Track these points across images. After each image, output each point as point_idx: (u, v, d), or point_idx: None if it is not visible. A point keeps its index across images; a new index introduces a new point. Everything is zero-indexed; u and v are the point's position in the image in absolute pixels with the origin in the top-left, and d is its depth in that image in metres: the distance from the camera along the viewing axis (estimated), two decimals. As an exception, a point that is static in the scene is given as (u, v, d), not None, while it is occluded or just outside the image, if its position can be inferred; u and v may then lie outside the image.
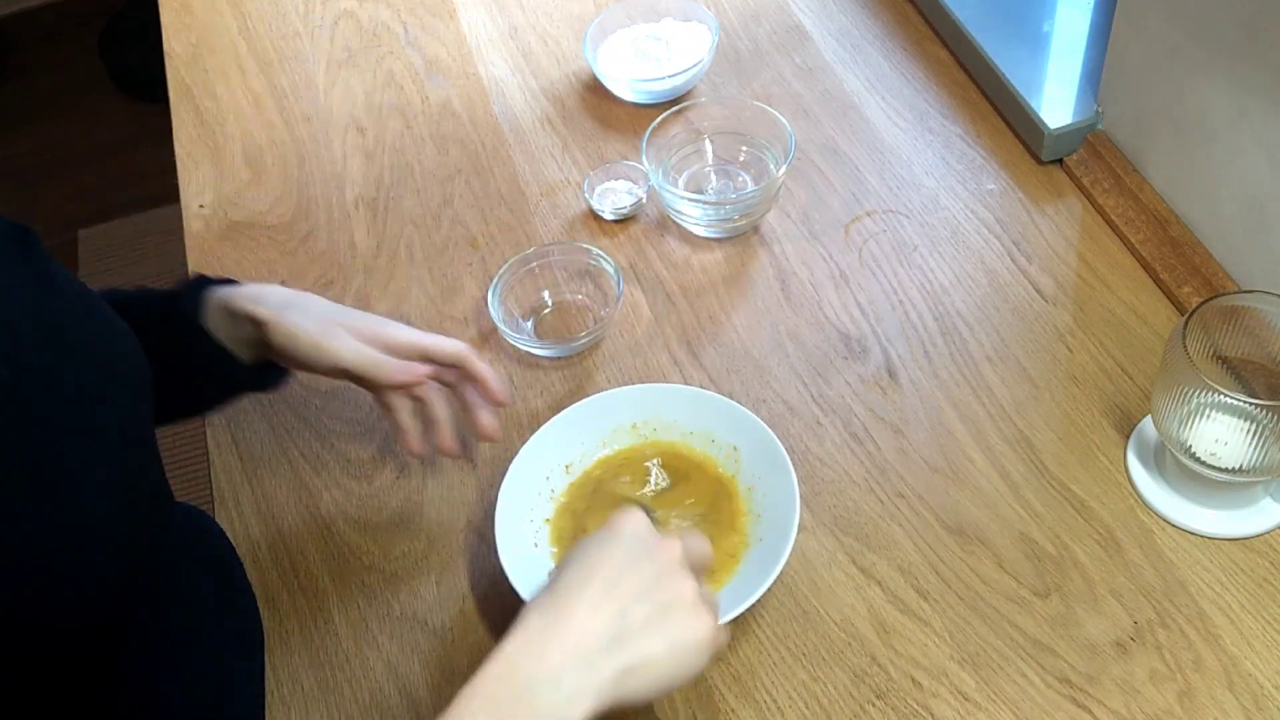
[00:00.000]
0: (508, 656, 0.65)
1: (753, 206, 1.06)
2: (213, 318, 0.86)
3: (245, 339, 0.86)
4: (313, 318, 0.85)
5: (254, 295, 0.86)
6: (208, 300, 0.86)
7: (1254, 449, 0.79)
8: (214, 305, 0.86)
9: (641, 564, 0.68)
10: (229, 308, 0.85)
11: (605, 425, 0.92)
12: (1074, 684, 0.79)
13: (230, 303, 0.85)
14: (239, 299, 0.85)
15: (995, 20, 1.17)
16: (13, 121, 2.78)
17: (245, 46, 1.34)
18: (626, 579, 0.68)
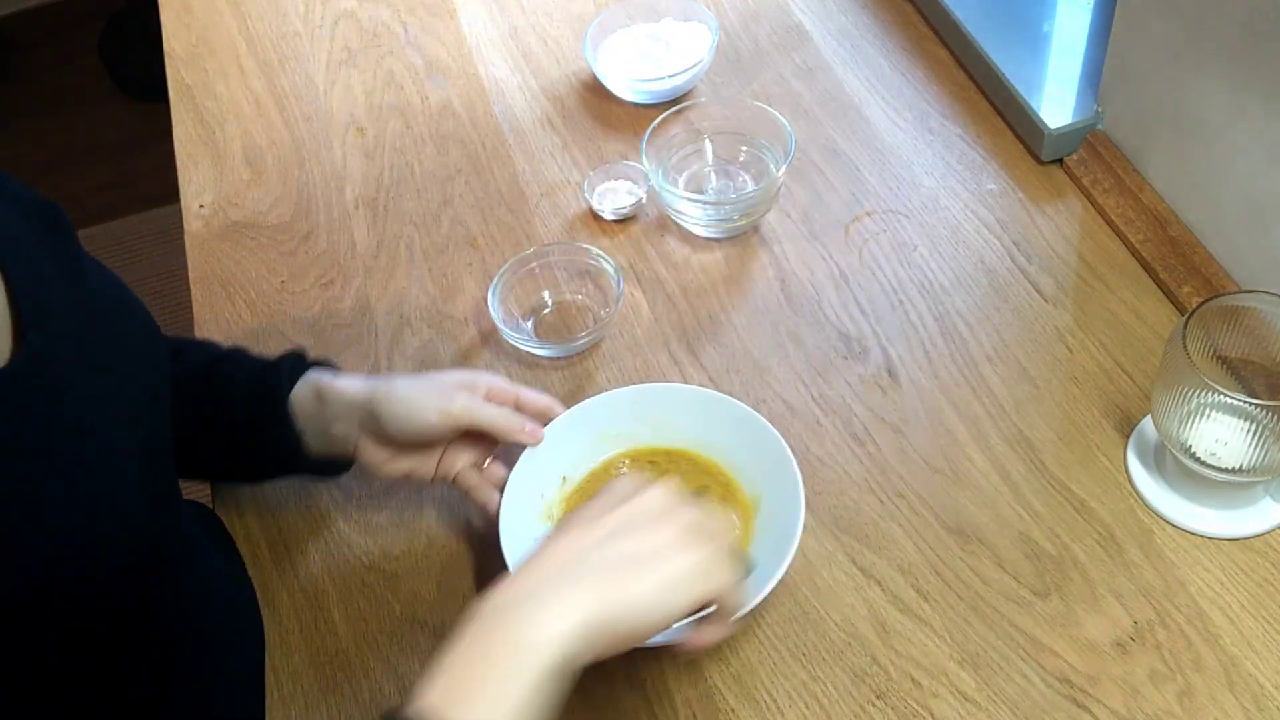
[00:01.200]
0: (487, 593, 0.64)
1: (753, 206, 1.06)
2: (302, 395, 0.86)
3: (324, 425, 0.86)
4: (420, 383, 0.85)
5: (350, 382, 0.86)
6: (303, 379, 0.86)
7: (1254, 449, 0.79)
8: (308, 386, 0.86)
9: (626, 504, 0.68)
10: (323, 391, 0.85)
11: (611, 424, 0.92)
12: (1074, 684, 0.79)
13: (329, 387, 0.85)
14: (340, 382, 0.85)
15: (995, 20, 1.17)
16: (13, 121, 2.78)
17: (245, 46, 1.34)
18: (609, 516, 0.67)
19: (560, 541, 0.66)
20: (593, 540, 0.66)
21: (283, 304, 1.09)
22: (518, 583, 0.64)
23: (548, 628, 0.61)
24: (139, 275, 2.39)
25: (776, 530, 0.84)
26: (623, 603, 0.63)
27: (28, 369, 0.64)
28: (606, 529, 0.66)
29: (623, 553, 0.65)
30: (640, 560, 0.65)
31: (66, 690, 0.73)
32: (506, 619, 0.62)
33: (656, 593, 0.64)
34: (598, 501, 0.69)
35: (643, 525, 0.67)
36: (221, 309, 1.09)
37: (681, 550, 0.66)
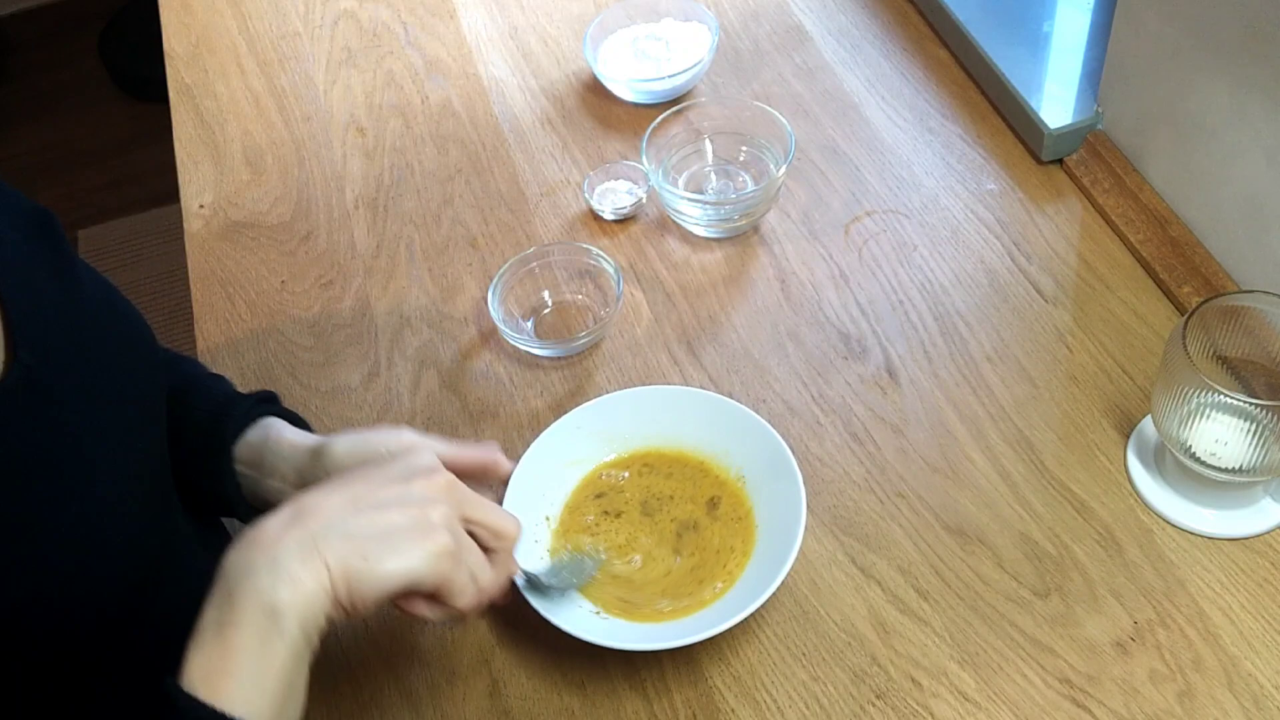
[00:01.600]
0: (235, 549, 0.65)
1: (753, 206, 1.06)
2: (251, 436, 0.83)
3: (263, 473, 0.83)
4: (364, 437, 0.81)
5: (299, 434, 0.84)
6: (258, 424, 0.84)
7: (1254, 449, 0.79)
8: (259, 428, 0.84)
9: (392, 484, 0.69)
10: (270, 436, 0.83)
11: (611, 426, 0.91)
12: (1074, 684, 0.79)
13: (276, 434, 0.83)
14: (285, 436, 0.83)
15: (995, 20, 1.17)
16: (13, 121, 2.78)
17: (245, 46, 1.34)
18: (369, 489, 0.68)
19: (313, 498, 0.67)
20: (341, 502, 0.67)
21: (283, 304, 1.09)
22: (266, 541, 0.65)
23: (289, 592, 0.63)
24: (139, 275, 2.39)
25: (777, 532, 0.84)
26: (357, 585, 0.65)
27: (21, 387, 0.64)
28: (364, 501, 0.67)
29: (369, 530, 0.66)
30: (380, 541, 0.66)
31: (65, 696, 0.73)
32: (256, 584, 0.63)
33: (384, 576, 0.66)
34: (376, 468, 0.70)
35: (400, 508, 0.68)
36: (221, 309, 1.09)
37: (412, 541, 0.67)
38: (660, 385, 0.97)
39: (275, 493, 0.83)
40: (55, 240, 0.73)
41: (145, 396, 0.76)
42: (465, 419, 0.98)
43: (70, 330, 0.69)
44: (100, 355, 0.71)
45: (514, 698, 0.83)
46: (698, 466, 0.90)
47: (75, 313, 0.71)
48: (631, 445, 0.92)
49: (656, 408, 0.92)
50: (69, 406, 0.67)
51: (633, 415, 0.92)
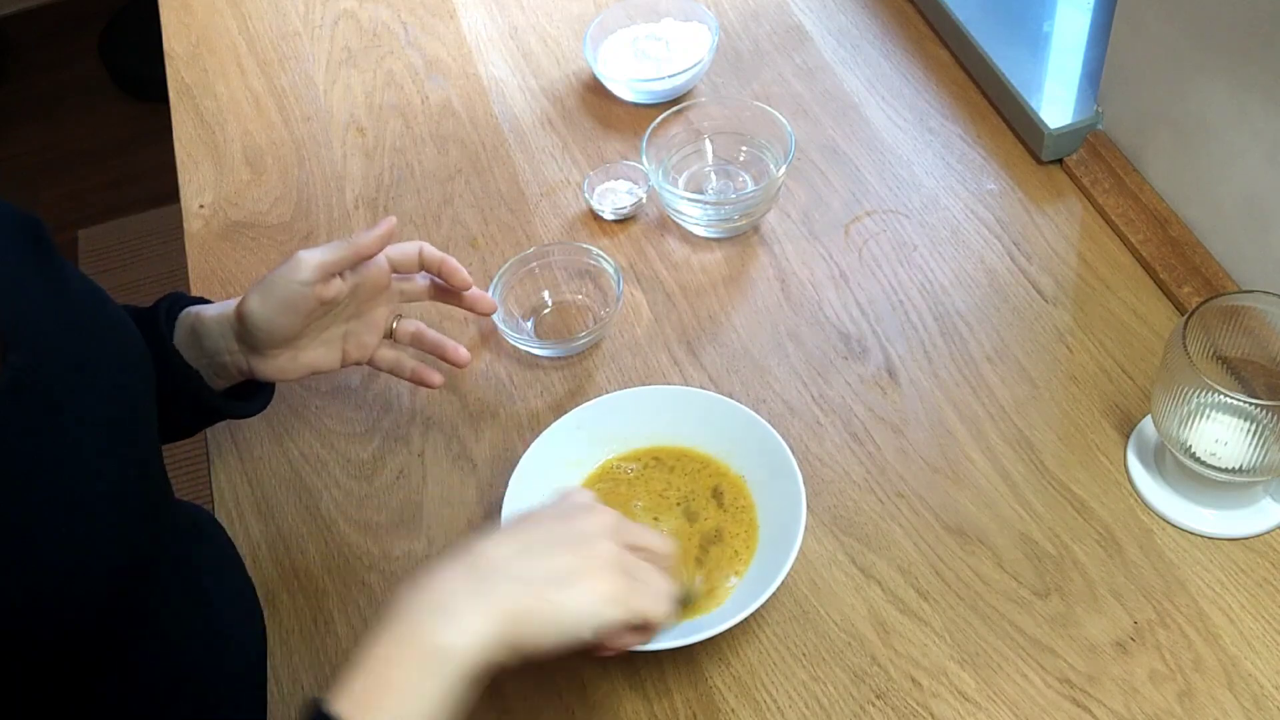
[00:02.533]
0: (405, 590, 0.65)
1: (753, 206, 1.06)
2: (181, 337, 0.86)
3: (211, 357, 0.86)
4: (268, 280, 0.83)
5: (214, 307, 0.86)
6: (178, 320, 0.86)
7: (1254, 449, 0.79)
8: (181, 324, 0.86)
9: (558, 524, 0.69)
10: (194, 326, 0.85)
11: (611, 427, 0.91)
12: (1074, 684, 0.79)
13: (197, 319, 0.85)
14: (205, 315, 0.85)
15: (995, 20, 1.17)
16: (13, 121, 2.78)
17: (245, 46, 1.34)
18: (536, 532, 0.69)
19: (483, 546, 0.67)
20: (513, 550, 0.67)
21: (283, 304, 1.09)
22: (437, 584, 0.65)
23: (461, 636, 0.63)
24: (139, 275, 2.39)
25: (777, 533, 0.84)
26: (530, 627, 0.65)
27: (10, 390, 0.64)
28: (535, 542, 0.68)
29: (542, 572, 0.66)
30: (555, 581, 0.66)
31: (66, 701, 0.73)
32: (423, 623, 0.63)
33: (559, 621, 0.65)
34: (538, 512, 0.71)
35: (570, 548, 0.68)
36: (221, 309, 1.09)
37: (593, 580, 0.67)
38: (660, 385, 0.97)
39: (233, 364, 0.86)
40: (42, 246, 0.73)
41: (135, 394, 0.76)
42: (465, 419, 0.98)
43: (59, 331, 0.69)
44: (89, 355, 0.71)
45: (514, 698, 0.83)
46: (701, 466, 0.90)
47: (64, 314, 0.71)
48: (632, 445, 0.91)
49: (657, 408, 0.92)
50: (59, 407, 0.67)
51: (633, 415, 0.92)
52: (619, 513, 0.72)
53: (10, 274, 0.69)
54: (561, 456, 0.90)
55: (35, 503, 0.64)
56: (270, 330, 0.84)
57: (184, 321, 0.86)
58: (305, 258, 0.82)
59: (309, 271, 0.82)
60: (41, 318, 0.69)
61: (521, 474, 0.88)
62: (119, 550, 0.70)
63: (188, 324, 0.86)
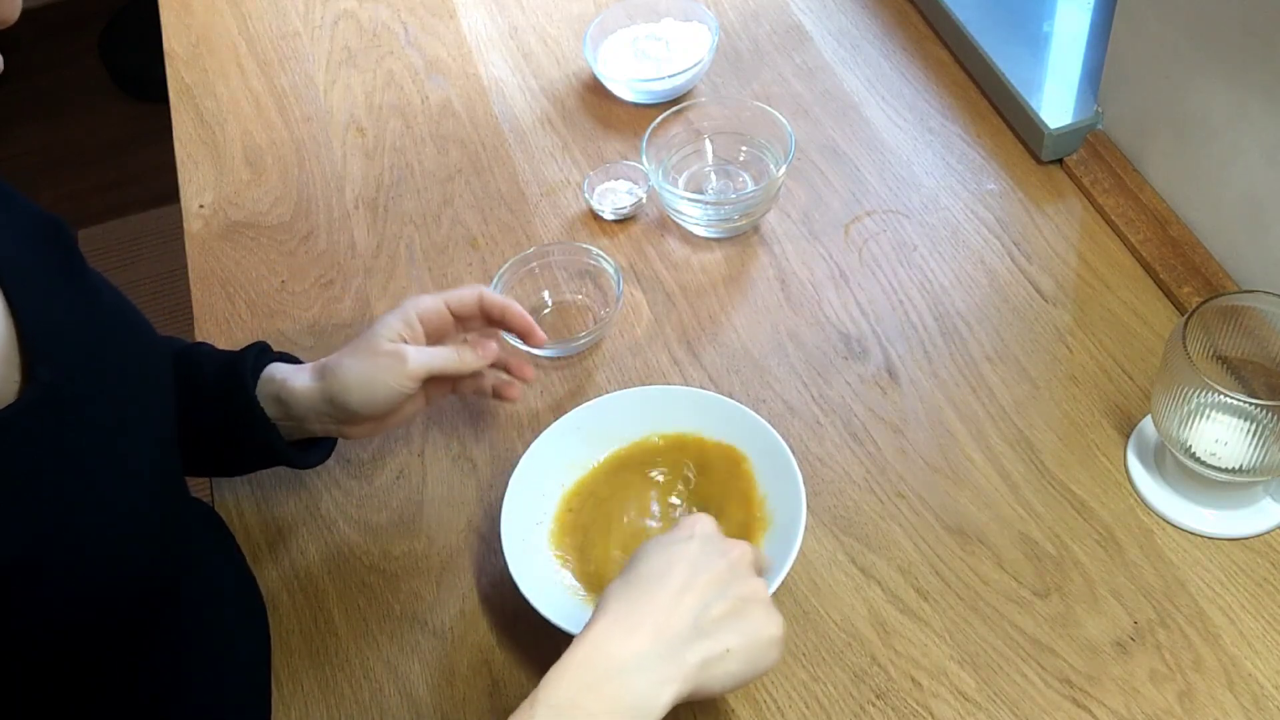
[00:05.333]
0: (595, 639, 0.67)
1: (753, 206, 1.06)
2: (265, 393, 0.85)
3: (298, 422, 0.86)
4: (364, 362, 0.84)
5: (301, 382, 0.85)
6: (263, 376, 0.86)
7: (1254, 449, 0.79)
8: (266, 383, 0.86)
9: (715, 561, 0.71)
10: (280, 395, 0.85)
11: (612, 427, 0.91)
12: (1074, 684, 0.79)
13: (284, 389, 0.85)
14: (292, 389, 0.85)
15: (995, 20, 1.17)
16: (13, 121, 2.78)
17: (245, 46, 1.34)
18: (703, 574, 0.70)
19: (661, 599, 0.68)
20: (696, 604, 0.69)
21: (283, 304, 1.09)
22: (633, 639, 0.67)
23: (658, 692, 0.65)
24: (139, 275, 2.39)
25: (778, 532, 0.84)
26: (714, 674, 0.68)
27: (37, 405, 0.64)
28: (709, 591, 0.69)
29: (720, 620, 0.69)
30: (733, 629, 0.69)
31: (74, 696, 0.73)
32: (624, 680, 0.65)
33: (746, 667, 0.69)
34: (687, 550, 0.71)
35: (735, 590, 0.70)
36: (221, 309, 1.09)
37: (766, 622, 0.70)
38: (660, 385, 0.97)
39: (314, 430, 0.86)
40: (66, 248, 0.73)
41: (158, 401, 0.76)
42: (465, 419, 0.98)
43: (85, 342, 0.70)
44: (115, 365, 0.72)
45: (514, 698, 0.82)
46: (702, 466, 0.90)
47: (89, 322, 0.71)
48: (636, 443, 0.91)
49: (657, 407, 0.92)
50: (86, 419, 0.67)
51: (633, 415, 0.92)
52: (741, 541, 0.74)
53: (36, 284, 0.69)
54: (561, 457, 0.90)
55: (62, 515, 0.64)
56: (366, 415, 0.85)
57: (267, 388, 0.85)
58: (413, 366, 0.83)
59: (413, 383, 0.84)
60: (69, 330, 0.69)
61: (521, 474, 0.88)
62: (143, 559, 0.70)
63: (271, 392, 0.85)
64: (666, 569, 0.70)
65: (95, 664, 0.73)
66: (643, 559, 0.71)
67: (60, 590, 0.65)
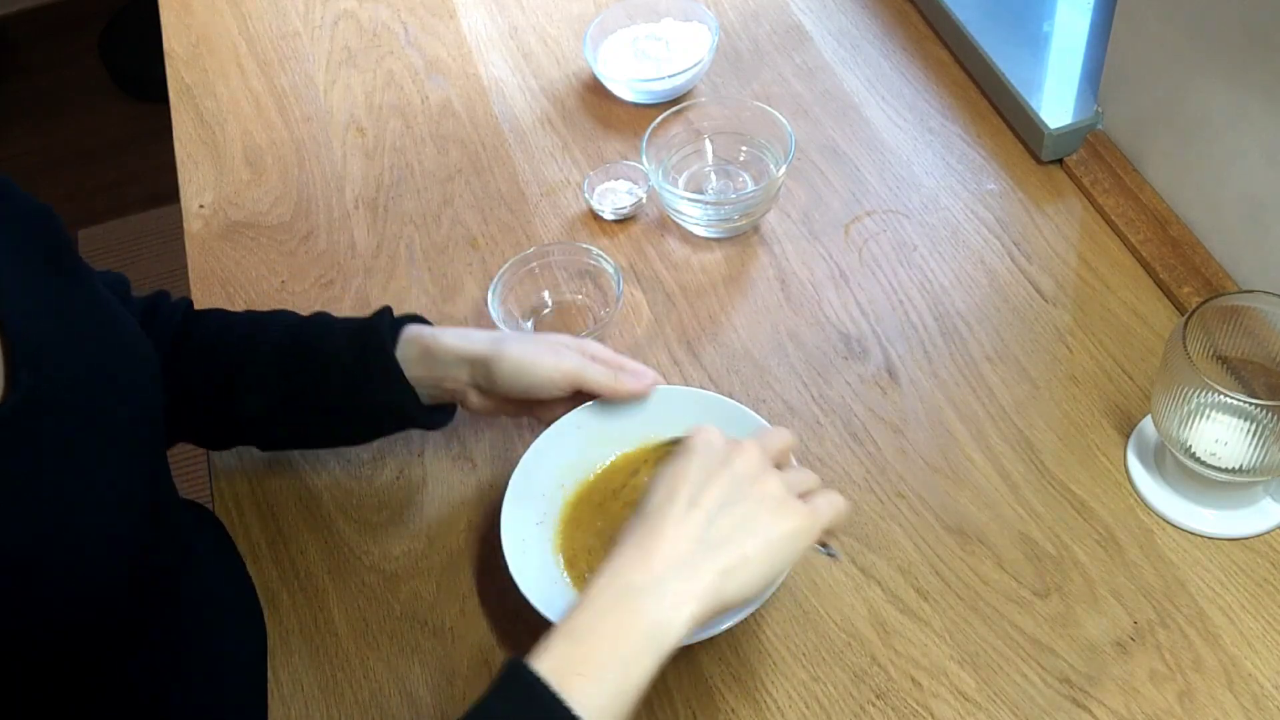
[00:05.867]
0: (610, 571, 0.67)
1: (753, 206, 1.06)
2: (408, 352, 0.86)
3: (436, 380, 0.86)
4: (533, 344, 0.86)
5: (457, 337, 0.86)
6: (404, 335, 0.86)
7: (1254, 449, 0.79)
8: (412, 342, 0.86)
9: (719, 473, 0.71)
10: (431, 348, 0.86)
11: (614, 427, 0.91)
12: (1074, 684, 0.79)
13: (435, 343, 0.86)
14: (446, 338, 0.86)
15: (995, 20, 1.17)
16: (13, 121, 2.78)
17: (245, 46, 1.34)
18: (708, 490, 0.70)
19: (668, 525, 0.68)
20: (702, 520, 0.69)
21: (283, 304, 1.09)
22: (646, 564, 0.67)
23: (676, 612, 0.65)
24: (139, 275, 2.39)
25: None
26: (735, 583, 0.68)
27: (20, 410, 0.63)
28: (713, 504, 0.69)
29: (730, 530, 0.69)
30: (746, 534, 0.68)
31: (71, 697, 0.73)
32: (639, 602, 0.65)
33: (767, 568, 0.69)
34: (687, 469, 0.71)
35: (742, 495, 0.70)
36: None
37: (778, 518, 0.70)
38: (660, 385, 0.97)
39: (450, 392, 0.87)
40: (55, 239, 0.73)
41: (145, 406, 0.75)
42: (465, 419, 0.98)
43: (70, 347, 0.69)
44: (100, 370, 0.71)
45: (514, 698, 0.82)
46: None
47: (75, 328, 0.71)
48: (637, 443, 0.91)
49: (658, 408, 0.91)
50: (70, 424, 0.67)
51: (633, 415, 0.91)
52: (752, 441, 0.74)
53: (23, 286, 0.68)
54: (562, 457, 0.90)
55: (47, 519, 0.64)
56: (504, 390, 0.86)
57: (415, 339, 0.86)
58: (568, 363, 0.84)
59: (565, 380, 0.85)
60: (53, 335, 0.68)
61: (522, 473, 0.88)
62: (128, 562, 0.70)
63: (421, 343, 0.86)
64: (670, 493, 0.70)
65: (91, 664, 0.73)
66: (650, 488, 0.71)
67: (52, 592, 0.64)
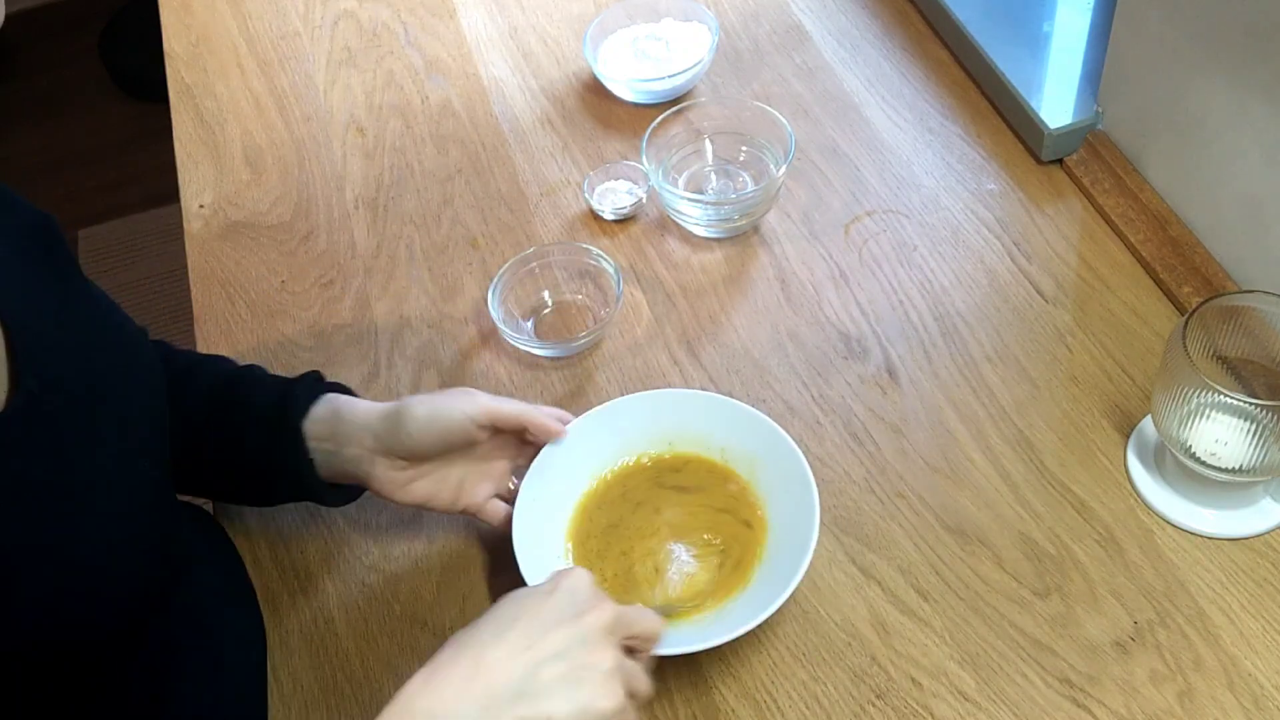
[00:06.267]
0: (408, 694, 0.64)
1: (753, 206, 1.06)
2: (319, 413, 0.84)
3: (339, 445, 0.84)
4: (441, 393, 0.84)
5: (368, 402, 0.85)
6: (320, 400, 0.84)
7: (1254, 449, 0.79)
8: (325, 404, 0.84)
9: (567, 624, 0.68)
10: (340, 410, 0.84)
11: (624, 430, 0.91)
12: (1074, 684, 0.79)
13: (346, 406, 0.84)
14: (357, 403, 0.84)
15: (995, 20, 1.17)
16: (13, 121, 2.78)
17: (245, 46, 1.34)
18: (549, 635, 0.67)
19: (494, 654, 0.66)
20: (524, 664, 0.66)
21: (283, 304, 1.09)
22: (447, 698, 0.64)
23: None
24: (139, 275, 2.39)
25: (786, 546, 0.83)
26: None
27: (24, 414, 0.63)
28: (547, 652, 0.66)
29: (549, 684, 0.65)
30: (560, 696, 0.65)
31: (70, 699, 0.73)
32: None
33: None
34: (540, 607, 0.69)
35: (577, 655, 0.67)
36: (221, 309, 1.09)
37: (599, 693, 0.66)
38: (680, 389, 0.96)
39: (354, 461, 0.83)
40: (56, 248, 0.73)
41: (149, 416, 0.75)
42: (465, 419, 0.98)
43: (73, 350, 0.69)
44: (104, 378, 0.71)
45: (514, 698, 0.82)
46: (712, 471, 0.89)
47: (79, 335, 0.71)
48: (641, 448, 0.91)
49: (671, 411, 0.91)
50: (73, 431, 0.67)
51: (646, 418, 0.91)
52: (615, 606, 0.71)
53: (24, 291, 0.68)
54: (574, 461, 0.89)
55: (49, 525, 0.64)
56: (416, 447, 0.82)
57: (327, 404, 0.84)
58: (480, 398, 0.83)
59: (481, 414, 0.83)
60: (57, 338, 0.68)
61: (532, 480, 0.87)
62: (130, 570, 0.70)
63: (332, 407, 0.84)
64: (511, 623, 0.67)
65: (91, 666, 0.73)
66: (495, 609, 0.69)
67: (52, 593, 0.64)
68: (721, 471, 0.89)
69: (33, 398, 0.64)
